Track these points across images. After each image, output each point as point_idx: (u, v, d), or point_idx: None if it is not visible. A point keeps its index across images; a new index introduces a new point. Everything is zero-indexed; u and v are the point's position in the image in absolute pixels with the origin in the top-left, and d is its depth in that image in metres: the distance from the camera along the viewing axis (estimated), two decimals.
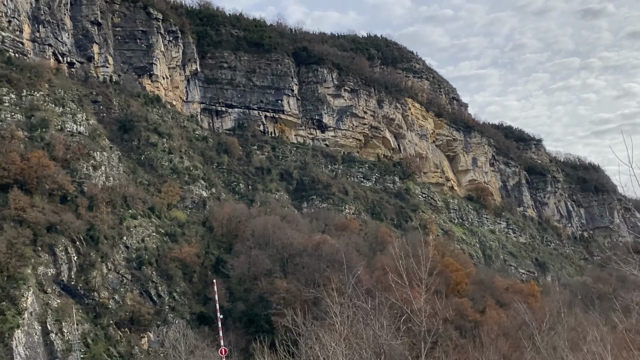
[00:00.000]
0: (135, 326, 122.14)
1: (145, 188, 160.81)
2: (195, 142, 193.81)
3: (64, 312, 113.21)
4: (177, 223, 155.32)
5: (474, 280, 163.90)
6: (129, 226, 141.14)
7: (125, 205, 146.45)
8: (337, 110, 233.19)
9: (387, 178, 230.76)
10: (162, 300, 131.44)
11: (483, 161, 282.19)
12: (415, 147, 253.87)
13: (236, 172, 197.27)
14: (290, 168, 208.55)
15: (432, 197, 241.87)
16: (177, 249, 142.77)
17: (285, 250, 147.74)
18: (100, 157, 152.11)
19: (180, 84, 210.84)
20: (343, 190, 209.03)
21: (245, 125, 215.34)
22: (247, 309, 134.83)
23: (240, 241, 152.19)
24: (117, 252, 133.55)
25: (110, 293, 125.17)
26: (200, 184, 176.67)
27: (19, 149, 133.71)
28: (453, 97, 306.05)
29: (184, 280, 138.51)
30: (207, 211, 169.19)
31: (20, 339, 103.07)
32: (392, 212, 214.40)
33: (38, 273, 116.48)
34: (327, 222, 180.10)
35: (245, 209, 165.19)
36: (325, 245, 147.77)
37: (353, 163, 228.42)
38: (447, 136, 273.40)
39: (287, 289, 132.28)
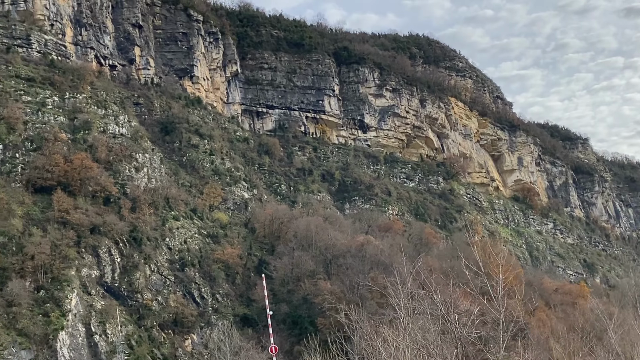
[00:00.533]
0: (178, 328, 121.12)
1: (187, 190, 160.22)
2: (236, 143, 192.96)
3: (107, 314, 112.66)
4: (219, 224, 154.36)
5: (522, 282, 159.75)
6: (171, 228, 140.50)
7: (168, 207, 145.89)
8: (379, 110, 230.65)
9: (431, 178, 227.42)
10: (205, 302, 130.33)
11: (529, 161, 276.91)
12: (459, 147, 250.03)
13: (277, 173, 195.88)
14: (332, 169, 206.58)
15: (476, 198, 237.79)
16: (220, 250, 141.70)
17: (329, 251, 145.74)
18: (142, 159, 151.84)
19: (221, 85, 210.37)
20: (386, 191, 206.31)
21: (286, 126, 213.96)
22: (290, 310, 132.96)
23: (282, 242, 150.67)
24: (160, 253, 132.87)
25: (153, 294, 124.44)
26: (241, 186, 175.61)
27: (62, 151, 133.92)
28: (497, 95, 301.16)
29: (227, 282, 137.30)
30: (249, 212, 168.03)
31: (65, 341, 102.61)
32: (436, 213, 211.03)
33: (82, 275, 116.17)
34: (370, 223, 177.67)
35: (287, 210, 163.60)
36: (369, 246, 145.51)
37: (395, 163, 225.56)
38: (492, 135, 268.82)
39: (331, 291, 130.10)
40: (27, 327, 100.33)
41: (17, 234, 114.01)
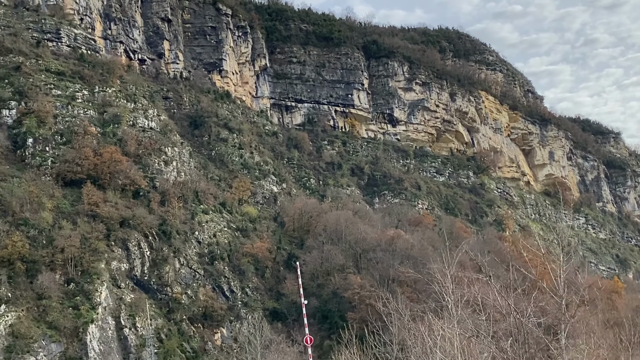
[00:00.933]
0: (208, 321, 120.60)
1: (216, 183, 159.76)
2: (265, 137, 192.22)
3: (137, 307, 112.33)
4: (248, 218, 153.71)
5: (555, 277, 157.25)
6: (200, 221, 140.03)
7: (197, 201, 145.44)
8: (409, 104, 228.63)
9: (461, 173, 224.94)
10: (234, 296, 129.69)
11: (560, 155, 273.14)
12: (489, 141, 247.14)
13: (306, 167, 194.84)
14: (361, 163, 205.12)
15: (507, 192, 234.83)
16: (249, 244, 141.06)
17: (359, 245, 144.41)
18: (171, 153, 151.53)
19: (250, 79, 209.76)
20: (416, 185, 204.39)
21: (315, 120, 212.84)
22: (320, 305, 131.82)
23: (312, 236, 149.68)
24: (189, 247, 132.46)
25: (183, 288, 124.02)
26: (270, 179, 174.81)
27: (91, 145, 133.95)
28: (528, 89, 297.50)
29: (256, 276, 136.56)
30: (278, 206, 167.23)
31: (95, 334, 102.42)
32: (466, 207, 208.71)
33: (111, 268, 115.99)
34: (400, 217, 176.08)
35: (317, 204, 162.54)
36: (400, 240, 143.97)
37: (425, 158, 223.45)
38: (523, 129, 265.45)
39: (361, 285, 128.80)
40: (57, 320, 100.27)
41: (47, 227, 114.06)
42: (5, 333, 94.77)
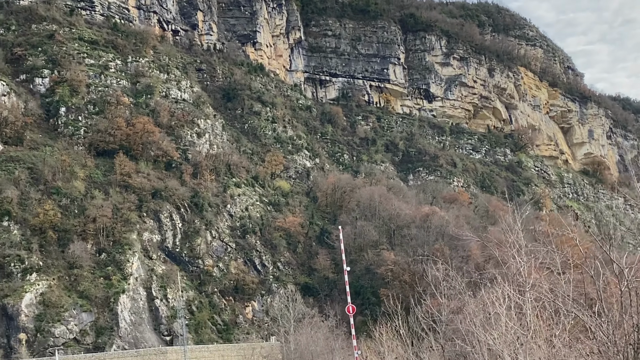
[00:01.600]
0: (239, 295, 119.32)
1: (249, 157, 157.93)
2: (298, 111, 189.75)
3: (168, 279, 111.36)
4: (280, 192, 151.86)
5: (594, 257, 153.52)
6: (232, 194, 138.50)
7: (229, 174, 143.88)
8: (445, 79, 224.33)
9: (498, 150, 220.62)
10: (266, 270, 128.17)
11: (600, 133, 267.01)
12: (527, 119, 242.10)
13: (340, 142, 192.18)
14: (396, 139, 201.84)
15: (545, 171, 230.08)
16: (281, 218, 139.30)
17: (392, 221, 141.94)
18: (204, 125, 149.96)
19: (284, 52, 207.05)
20: (451, 162, 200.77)
21: (349, 94, 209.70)
22: (353, 280, 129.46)
23: (345, 212, 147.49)
24: (221, 220, 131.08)
25: (214, 261, 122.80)
26: (304, 154, 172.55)
27: (124, 115, 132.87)
28: (568, 66, 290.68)
29: (288, 250, 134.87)
30: (310, 181, 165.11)
31: (126, 304, 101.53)
32: (502, 185, 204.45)
33: (143, 239, 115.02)
34: (435, 194, 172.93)
35: (350, 180, 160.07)
36: (434, 217, 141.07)
37: (461, 134, 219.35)
38: (562, 107, 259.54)
39: (395, 261, 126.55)
40: (88, 290, 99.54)
41: (79, 197, 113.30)
42: (36, 301, 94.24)
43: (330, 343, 57.26)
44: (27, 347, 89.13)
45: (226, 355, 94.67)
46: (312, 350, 53.57)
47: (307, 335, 56.47)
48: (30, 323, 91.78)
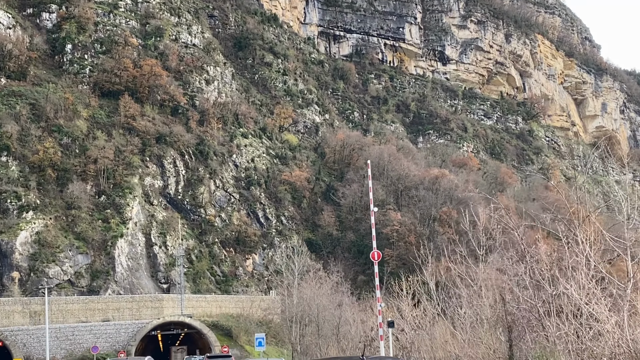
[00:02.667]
0: (240, 247, 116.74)
1: (258, 108, 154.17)
2: (310, 65, 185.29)
3: (169, 226, 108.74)
4: (288, 146, 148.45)
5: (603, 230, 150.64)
6: (239, 145, 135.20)
7: (237, 124, 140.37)
8: (462, 42, 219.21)
9: (510, 118, 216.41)
10: (269, 223, 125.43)
11: (613, 107, 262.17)
12: (541, 88, 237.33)
13: (351, 99, 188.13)
14: (408, 100, 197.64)
15: (555, 142, 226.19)
16: (287, 172, 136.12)
17: (401, 182, 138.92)
18: (213, 72, 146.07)
19: (299, 4, 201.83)
20: (462, 126, 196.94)
21: (363, 52, 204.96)
22: (357, 239, 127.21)
23: (352, 169, 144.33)
24: (226, 169, 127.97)
25: (217, 211, 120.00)
26: (313, 109, 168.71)
27: (132, 56, 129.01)
28: (585, 37, 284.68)
29: (293, 205, 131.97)
30: (319, 137, 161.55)
31: (123, 249, 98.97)
32: (512, 153, 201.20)
33: (145, 184, 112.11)
34: (445, 157, 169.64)
35: (360, 137, 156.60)
36: (444, 180, 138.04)
37: (474, 99, 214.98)
38: (577, 78, 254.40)
39: (401, 222, 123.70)
40: (86, 232, 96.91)
41: (81, 136, 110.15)
42: (31, 240, 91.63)
43: (337, 297, 54.28)
44: (19, 286, 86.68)
45: (224, 306, 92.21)
46: (318, 304, 50.68)
47: (312, 288, 53.53)
48: (24, 262, 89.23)
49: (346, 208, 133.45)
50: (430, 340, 33.12)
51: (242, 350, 77.92)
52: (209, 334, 78.55)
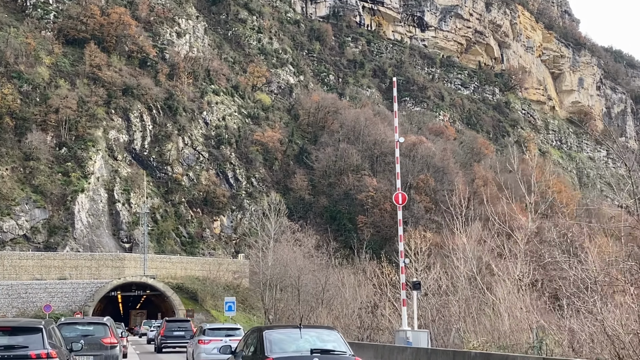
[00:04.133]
0: (208, 207, 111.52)
1: (230, 65, 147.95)
2: (286, 24, 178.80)
3: (133, 183, 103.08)
4: (260, 106, 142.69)
5: (579, 205, 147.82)
6: (210, 101, 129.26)
7: (208, 80, 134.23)
8: (441, 9, 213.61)
9: (487, 88, 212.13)
10: (239, 184, 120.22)
11: (590, 83, 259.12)
12: (519, 60, 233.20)
13: (327, 62, 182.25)
14: (385, 65, 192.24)
15: (531, 115, 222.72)
16: (260, 132, 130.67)
17: (377, 147, 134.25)
18: (185, 25, 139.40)
19: None
20: (439, 95, 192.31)
21: (340, 14, 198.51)
22: (330, 205, 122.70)
23: (327, 133, 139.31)
24: (195, 127, 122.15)
25: (184, 169, 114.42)
26: (288, 69, 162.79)
27: (99, 3, 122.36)
28: (565, 10, 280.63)
29: (264, 167, 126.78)
30: (293, 99, 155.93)
31: (84, 205, 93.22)
32: (489, 124, 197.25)
33: (109, 137, 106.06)
34: (421, 125, 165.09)
35: (335, 100, 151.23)
36: (421, 147, 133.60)
37: (452, 68, 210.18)
38: (555, 52, 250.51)
39: (377, 188, 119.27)
40: (44, 185, 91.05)
41: (42, 84, 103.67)
42: None
43: (316, 261, 49.46)
44: None
45: (189, 268, 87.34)
46: (298, 266, 45.88)
47: (290, 250, 48.73)
48: None
49: (320, 172, 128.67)
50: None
51: (208, 315, 73.19)
52: (173, 297, 73.60)
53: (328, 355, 13.60)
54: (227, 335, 28.20)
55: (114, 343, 22.15)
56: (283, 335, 14.39)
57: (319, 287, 43.54)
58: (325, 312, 37.52)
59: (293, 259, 47.18)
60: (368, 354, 24.88)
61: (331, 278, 43.91)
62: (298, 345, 13.86)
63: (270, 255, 48.50)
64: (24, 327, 14.13)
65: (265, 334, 14.24)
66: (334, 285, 43.31)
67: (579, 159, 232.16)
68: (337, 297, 40.70)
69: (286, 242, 51.30)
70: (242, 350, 15.52)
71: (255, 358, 14.12)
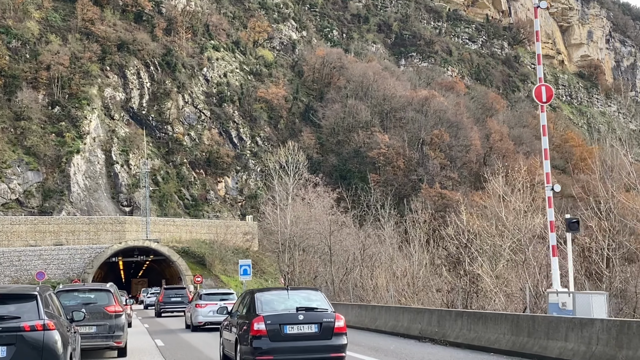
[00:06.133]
0: (211, 169, 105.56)
1: (230, 21, 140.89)
2: None
3: (132, 143, 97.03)
4: (263, 62, 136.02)
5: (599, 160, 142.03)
6: (210, 57, 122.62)
7: (207, 35, 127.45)
8: None
9: (495, 42, 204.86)
10: (243, 144, 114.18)
11: (599, 36, 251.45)
12: (527, 12, 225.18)
13: (330, 17, 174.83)
14: (390, 20, 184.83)
15: None
16: (264, 89, 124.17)
17: (387, 102, 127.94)
18: None
19: None
20: (447, 49, 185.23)
21: None
22: (339, 163, 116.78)
23: (333, 89, 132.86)
24: (196, 84, 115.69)
25: (185, 128, 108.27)
26: (290, 25, 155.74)
27: None
28: None
29: (269, 125, 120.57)
30: (296, 55, 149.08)
31: (80, 166, 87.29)
32: (498, 79, 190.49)
33: (105, 95, 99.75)
34: (430, 80, 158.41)
35: (341, 55, 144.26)
36: (433, 102, 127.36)
37: (459, 22, 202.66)
38: (563, 4, 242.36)
39: (389, 144, 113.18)
40: (37, 146, 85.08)
41: (32, 40, 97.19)
42: None
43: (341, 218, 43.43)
44: None
45: (195, 231, 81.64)
46: (330, 220, 39.96)
47: (311, 205, 42.89)
48: None
49: (327, 130, 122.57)
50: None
51: (217, 281, 67.68)
52: (179, 262, 67.98)
53: (311, 312, 15.21)
54: (222, 299, 30.99)
55: (119, 311, 19.88)
56: (273, 296, 16.04)
57: (355, 246, 37.65)
58: (368, 273, 31.66)
59: (319, 214, 41.38)
60: (496, 329, 17.77)
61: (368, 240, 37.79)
62: (286, 304, 15.48)
63: (289, 212, 42.66)
64: (15, 295, 12.19)
65: (257, 296, 15.87)
66: (373, 243, 37.55)
67: (590, 113, 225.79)
68: (379, 255, 34.96)
69: (307, 197, 45.41)
70: (237, 310, 16.99)
71: (249, 316, 15.39)
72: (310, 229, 41.77)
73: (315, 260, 41.32)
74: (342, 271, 36.31)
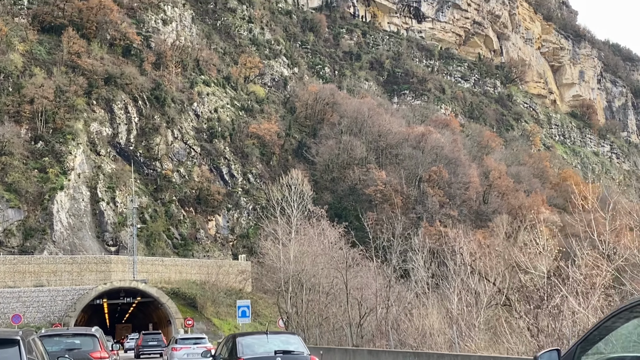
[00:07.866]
0: (202, 207, 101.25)
1: (220, 56, 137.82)
2: (278, 15, 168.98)
3: (118, 180, 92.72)
4: (254, 98, 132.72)
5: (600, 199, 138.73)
6: (200, 92, 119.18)
7: (198, 70, 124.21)
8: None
9: (488, 81, 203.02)
10: (234, 181, 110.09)
11: (590, 76, 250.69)
12: (518, 52, 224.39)
13: (322, 54, 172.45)
14: (382, 57, 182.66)
15: (533, 109, 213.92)
16: (256, 124, 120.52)
17: (383, 139, 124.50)
18: (171, 13, 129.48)
19: None
20: (440, 87, 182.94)
21: (333, 4, 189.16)
22: (334, 201, 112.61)
23: (327, 125, 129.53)
24: (186, 119, 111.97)
25: (175, 165, 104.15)
26: (281, 61, 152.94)
27: None
28: (563, 1, 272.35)
29: (261, 162, 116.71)
30: (288, 91, 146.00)
31: (64, 204, 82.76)
32: (492, 117, 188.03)
33: (90, 130, 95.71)
34: (424, 118, 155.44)
35: (334, 90, 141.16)
36: (430, 138, 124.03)
37: (451, 60, 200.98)
38: (554, 44, 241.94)
39: (387, 181, 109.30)
40: (19, 182, 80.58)
41: (15, 72, 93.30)
42: None
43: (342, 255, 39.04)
44: None
45: (185, 272, 77.04)
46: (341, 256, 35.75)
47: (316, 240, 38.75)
48: None
49: (321, 167, 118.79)
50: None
51: (210, 325, 62.90)
52: (169, 304, 63.21)
53: (289, 354, 16.63)
54: (195, 343, 33.46)
55: (105, 358, 19.41)
56: (254, 340, 17.59)
57: (373, 284, 33.25)
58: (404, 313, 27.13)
59: (327, 250, 37.10)
60: None
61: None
62: (265, 348, 16.96)
63: (292, 247, 38.42)
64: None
65: (239, 339, 17.43)
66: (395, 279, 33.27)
67: (584, 153, 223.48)
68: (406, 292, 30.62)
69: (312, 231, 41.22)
70: (219, 354, 18.45)
71: (231, 359, 16.85)
72: (317, 264, 37.52)
73: (322, 300, 36.94)
74: (356, 312, 31.99)
